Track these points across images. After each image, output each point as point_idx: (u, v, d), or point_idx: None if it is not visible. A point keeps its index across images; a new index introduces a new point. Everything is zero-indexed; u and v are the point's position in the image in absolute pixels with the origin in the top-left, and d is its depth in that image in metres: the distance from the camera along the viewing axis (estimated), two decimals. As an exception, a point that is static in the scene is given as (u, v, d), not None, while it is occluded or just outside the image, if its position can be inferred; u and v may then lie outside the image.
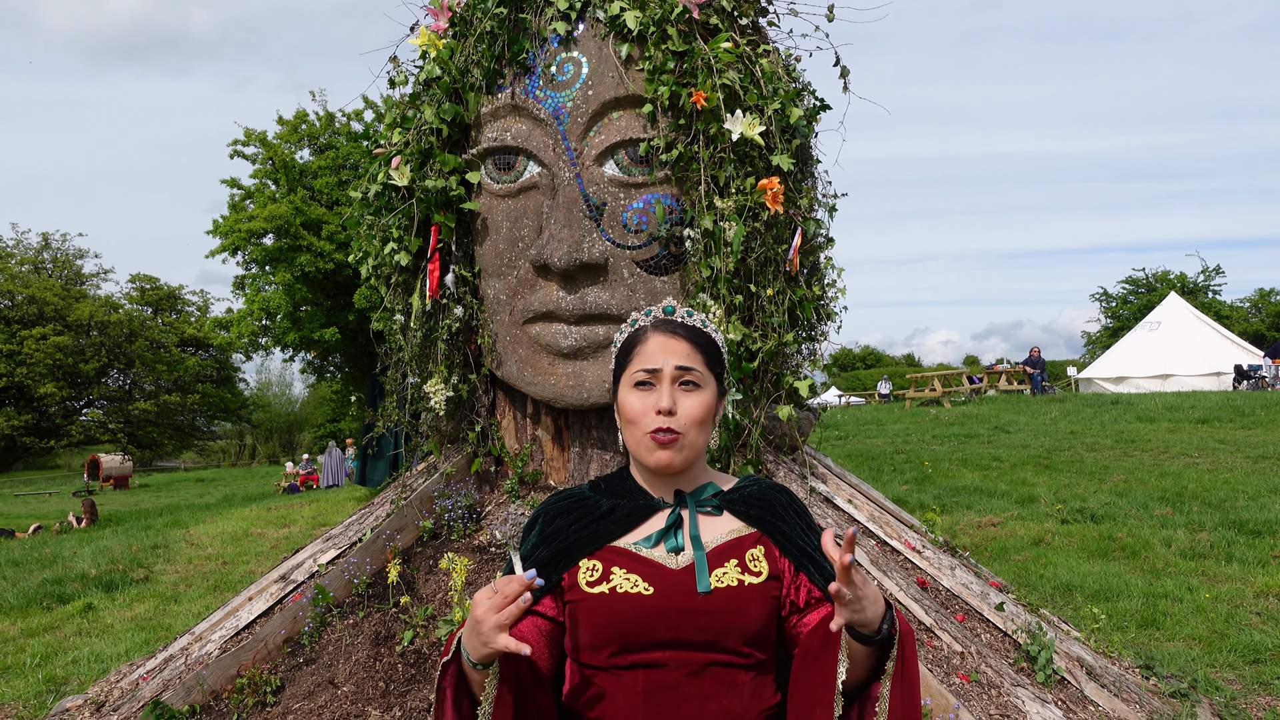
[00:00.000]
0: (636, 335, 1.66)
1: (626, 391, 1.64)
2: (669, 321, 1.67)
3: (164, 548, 9.27)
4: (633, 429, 1.62)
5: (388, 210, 4.04)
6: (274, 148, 16.00)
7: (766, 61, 3.89)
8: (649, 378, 1.61)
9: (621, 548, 1.61)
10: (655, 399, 1.59)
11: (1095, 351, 39.95)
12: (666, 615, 1.53)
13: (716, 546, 1.61)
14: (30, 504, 31.57)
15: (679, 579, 1.56)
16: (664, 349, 1.62)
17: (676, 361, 1.60)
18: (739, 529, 1.65)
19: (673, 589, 1.55)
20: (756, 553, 1.62)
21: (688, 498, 1.66)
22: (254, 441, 63.03)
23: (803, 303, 3.88)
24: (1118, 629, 5.15)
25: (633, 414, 1.61)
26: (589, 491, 1.73)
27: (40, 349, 17.58)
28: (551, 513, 1.69)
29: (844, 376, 71.46)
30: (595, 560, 1.60)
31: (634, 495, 1.69)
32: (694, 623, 1.53)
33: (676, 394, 1.60)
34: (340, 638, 3.63)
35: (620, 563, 1.59)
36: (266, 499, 17.53)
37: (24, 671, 5.07)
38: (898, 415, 18.45)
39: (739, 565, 1.59)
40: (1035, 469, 10.38)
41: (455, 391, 4.05)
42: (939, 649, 3.28)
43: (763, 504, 1.69)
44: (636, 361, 1.63)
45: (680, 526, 1.63)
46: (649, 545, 1.61)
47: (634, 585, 1.55)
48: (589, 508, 1.67)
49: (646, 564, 1.58)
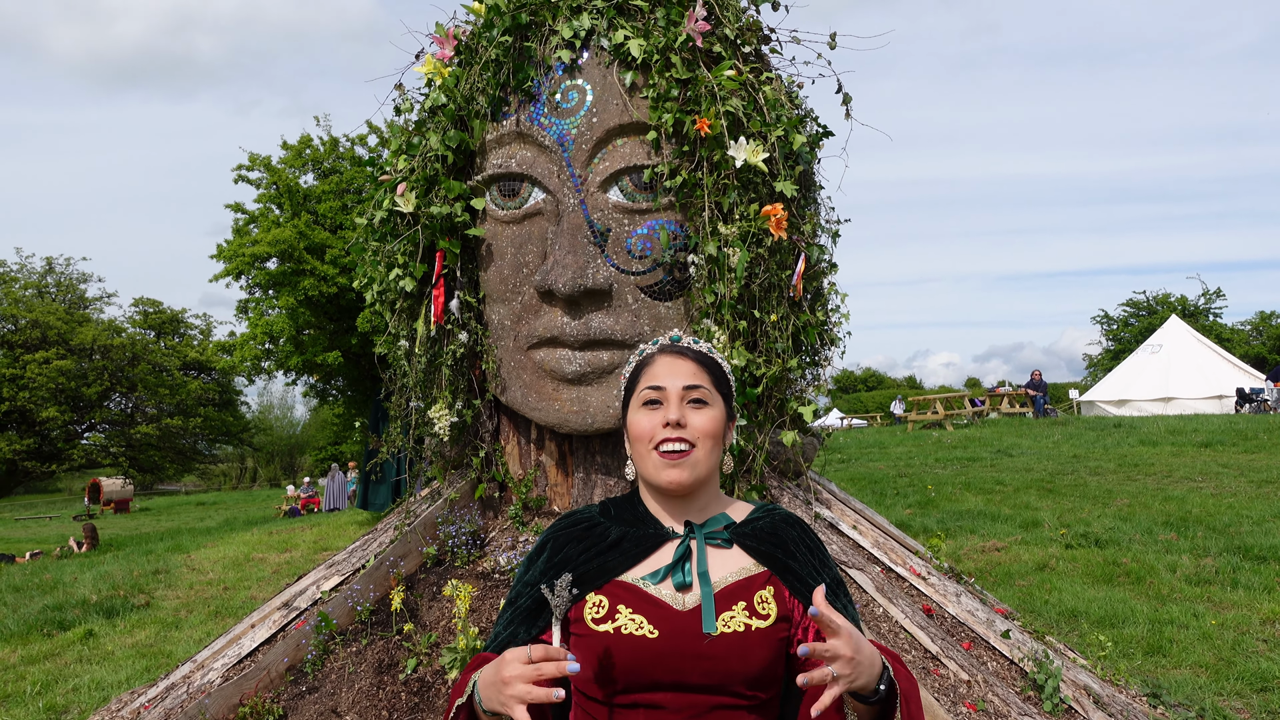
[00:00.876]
0: (644, 360, 1.68)
1: (635, 412, 1.64)
2: (675, 346, 1.69)
3: (165, 573, 9.24)
4: (640, 446, 1.61)
5: (393, 236, 4.06)
6: (278, 172, 16.08)
7: (769, 89, 3.92)
8: (656, 395, 1.61)
9: (628, 583, 1.59)
10: (663, 415, 1.59)
11: (1097, 374, 39.95)
12: (670, 659, 1.51)
13: (725, 587, 1.58)
14: (30, 528, 31.49)
15: (685, 622, 1.53)
16: (671, 369, 1.63)
17: (684, 381, 1.61)
18: (749, 568, 1.61)
19: (678, 632, 1.52)
20: (765, 594, 1.59)
21: (697, 529, 1.64)
22: (255, 465, 62.95)
23: (806, 328, 3.89)
24: (1124, 656, 5.12)
25: (640, 431, 1.61)
26: (599, 515, 1.70)
27: (43, 373, 17.60)
28: (560, 540, 1.67)
29: (846, 399, 71.46)
30: (602, 595, 1.58)
31: (644, 523, 1.66)
32: (698, 667, 1.51)
33: (685, 410, 1.60)
34: (343, 666, 3.61)
35: (626, 600, 1.56)
36: (268, 523, 17.48)
37: (24, 700, 5.04)
38: (900, 438, 18.42)
39: (747, 608, 1.56)
40: (1038, 493, 10.36)
41: (459, 417, 4.05)
42: (945, 677, 3.26)
43: (774, 539, 1.65)
44: (644, 381, 1.64)
45: (689, 560, 1.60)
46: (655, 580, 1.58)
47: (639, 627, 1.53)
48: (598, 536, 1.65)
49: (653, 604, 1.56)
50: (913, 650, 3.38)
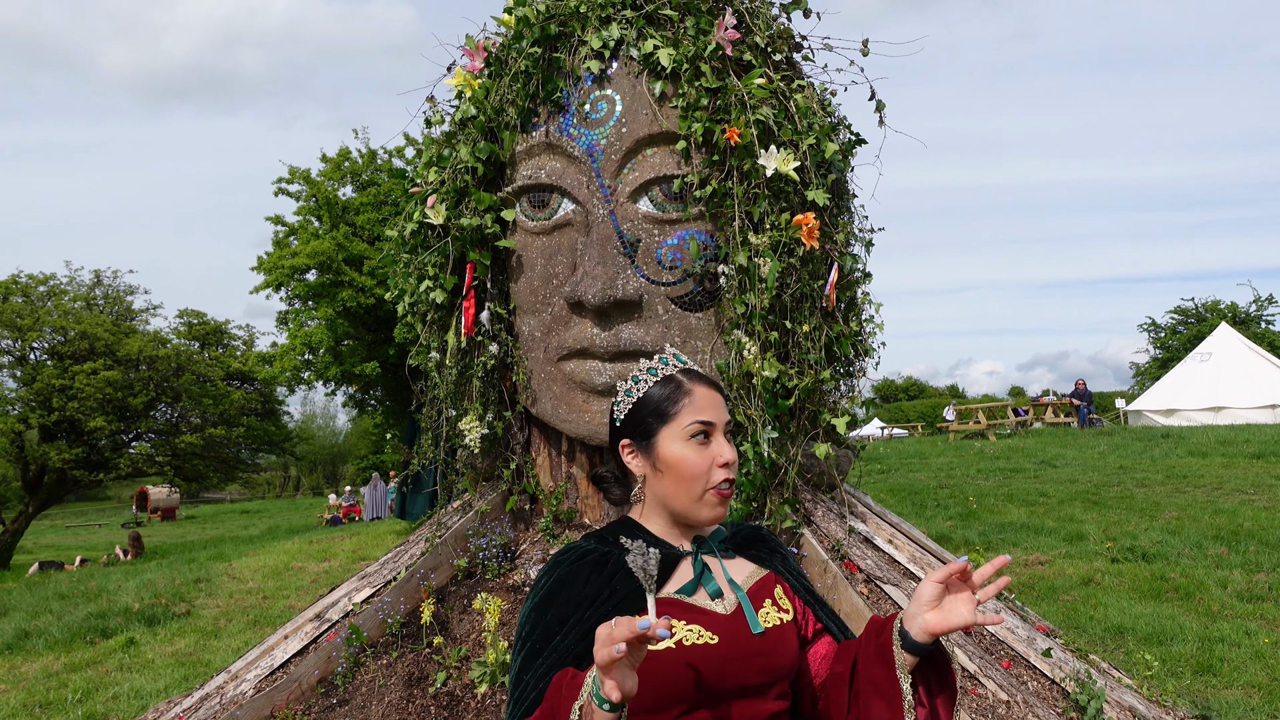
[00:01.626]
0: (678, 387, 1.62)
1: (680, 445, 1.58)
2: (698, 373, 1.67)
3: (206, 581, 9.36)
4: (693, 485, 1.57)
5: (423, 248, 4.06)
6: (317, 185, 16.30)
7: (801, 97, 3.88)
8: (705, 429, 1.59)
9: (669, 598, 1.56)
10: (715, 452, 1.58)
11: (1144, 383, 39.13)
12: (734, 662, 1.51)
13: (750, 588, 1.63)
14: (80, 535, 32.24)
15: (735, 624, 1.55)
16: (713, 402, 1.62)
17: (726, 416, 1.64)
18: (756, 570, 1.68)
19: (734, 635, 1.53)
20: (779, 592, 1.66)
21: (709, 542, 1.66)
22: (298, 473, 63.84)
23: (840, 339, 3.83)
24: (1172, 675, 4.97)
25: (696, 470, 1.57)
26: (598, 544, 1.63)
27: (91, 383, 17.96)
28: (582, 572, 1.58)
29: (887, 408, 70.71)
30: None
31: (656, 545, 1.63)
32: (756, 665, 1.52)
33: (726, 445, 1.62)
34: (374, 678, 3.60)
35: (675, 614, 1.53)
36: (309, 531, 17.67)
37: (66, 707, 5.11)
38: (941, 448, 18.16)
39: (774, 604, 1.62)
40: (1083, 505, 10.13)
41: (490, 429, 4.04)
42: (984, 697, 3.18)
43: (762, 544, 1.73)
44: (688, 414, 1.59)
45: (708, 571, 1.62)
46: (689, 594, 1.58)
47: (698, 636, 1.51)
48: (615, 563, 1.58)
49: (701, 613, 1.55)
50: (950, 669, 3.30)
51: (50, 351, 19.62)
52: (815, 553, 3.61)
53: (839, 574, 3.52)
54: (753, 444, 3.56)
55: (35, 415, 18.60)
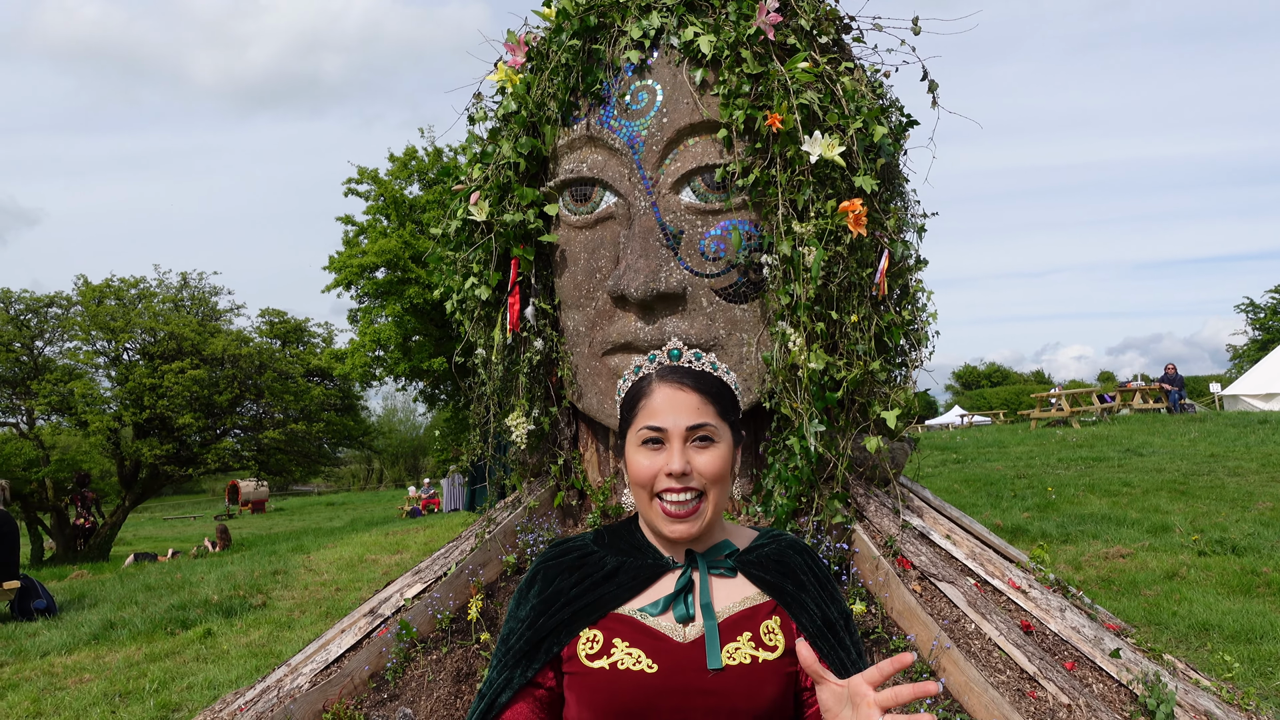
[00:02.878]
0: (640, 387, 1.52)
1: (634, 450, 1.50)
2: (675, 370, 1.52)
3: (283, 573, 9.61)
4: (641, 492, 1.48)
5: (468, 245, 4.07)
6: (385, 184, 16.61)
7: (849, 79, 3.76)
8: (656, 435, 1.47)
9: (626, 615, 1.47)
10: (665, 460, 1.45)
11: (1242, 366, 37.44)
12: (671, 696, 1.39)
13: (729, 617, 1.46)
14: (176, 527, 33.56)
15: (687, 655, 1.42)
16: (672, 404, 1.47)
17: (687, 421, 1.46)
18: (754, 596, 1.50)
19: (680, 666, 1.41)
20: (772, 624, 1.47)
21: (700, 559, 1.52)
22: (381, 466, 65.38)
23: (890, 328, 3.70)
24: (1261, 675, 4.71)
25: (641, 476, 1.47)
26: (593, 544, 1.59)
27: (179, 382, 18.65)
28: (552, 572, 1.55)
29: (969, 395, 69.06)
30: (596, 630, 1.47)
31: (642, 552, 1.55)
32: (702, 704, 1.39)
33: (690, 452, 1.46)
34: (423, 674, 3.63)
35: (623, 634, 1.45)
36: (390, 523, 18.06)
37: (143, 696, 5.29)
38: (1021, 437, 17.63)
39: (753, 639, 1.44)
40: (1170, 495, 9.70)
41: (536, 424, 4.02)
42: (1043, 700, 3.04)
43: (781, 568, 1.53)
44: (642, 417, 1.49)
45: (690, 591, 1.48)
46: (656, 612, 1.47)
47: (636, 661, 1.42)
48: (592, 566, 1.53)
49: (651, 636, 1.44)
50: (1007, 670, 3.17)
51: (141, 352, 20.43)
52: (867, 549, 3.51)
53: (891, 571, 3.41)
54: (799, 438, 3.47)
55: (129, 413, 19.40)
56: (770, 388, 3.61)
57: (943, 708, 3.01)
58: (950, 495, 10.51)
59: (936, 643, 3.15)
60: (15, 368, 19.78)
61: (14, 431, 20.70)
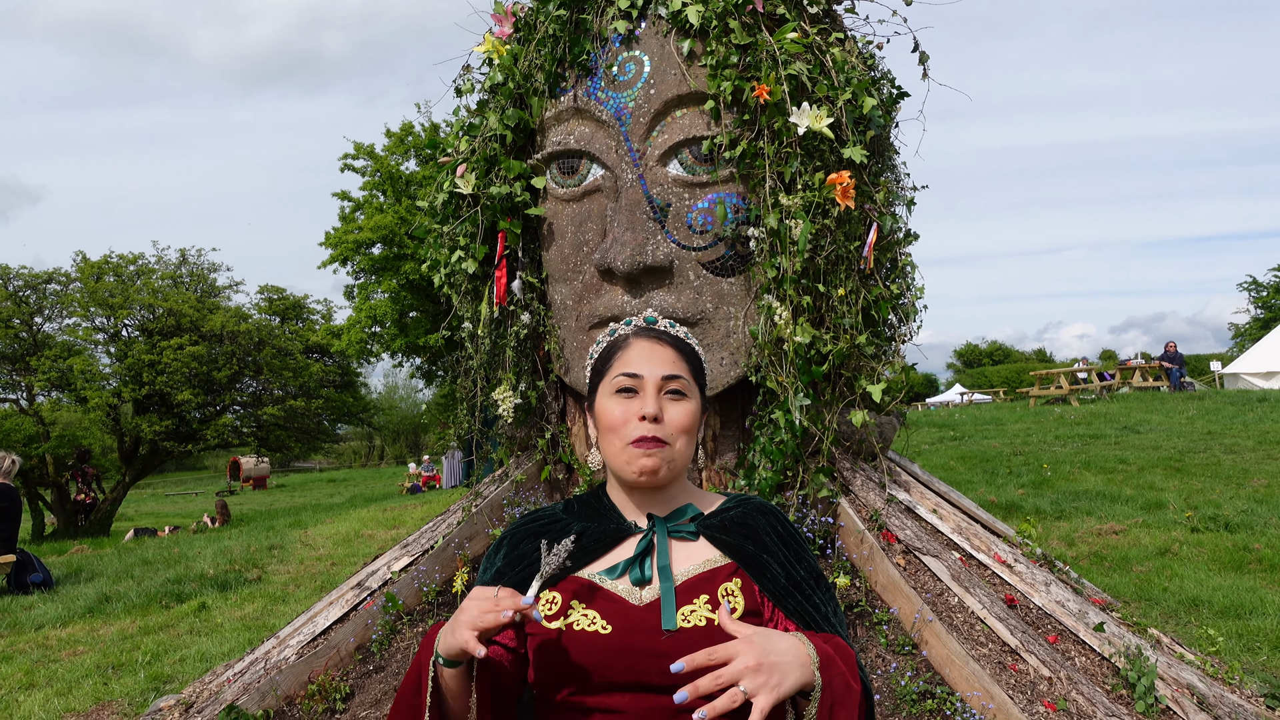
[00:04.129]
0: (617, 342, 1.57)
1: (606, 399, 1.53)
2: (652, 328, 1.58)
3: (280, 548, 9.65)
4: (612, 438, 1.51)
5: (454, 218, 4.04)
6: (381, 160, 16.54)
7: (839, 50, 3.71)
8: (632, 384, 1.50)
9: (583, 579, 1.50)
10: (639, 406, 1.49)
11: (1244, 345, 37.37)
12: (625, 657, 1.41)
13: (687, 579, 1.48)
14: (178, 503, 33.71)
15: (641, 616, 1.44)
16: (648, 356, 1.52)
17: (663, 370, 1.51)
18: (715, 559, 1.51)
19: (633, 628, 1.43)
20: (732, 586, 1.48)
21: (659, 522, 1.54)
22: (382, 443, 65.58)
23: (879, 302, 3.68)
24: (1248, 650, 4.72)
25: (613, 421, 1.50)
26: (562, 512, 1.63)
27: (178, 358, 18.67)
28: (518, 536, 1.60)
29: (970, 373, 69.05)
30: (555, 592, 1.50)
31: (607, 517, 1.57)
32: (656, 666, 1.39)
33: (663, 402, 1.50)
34: (409, 645, 3.64)
35: (581, 596, 1.48)
36: (390, 499, 18.12)
37: (135, 669, 5.32)
38: (1019, 414, 17.64)
39: (710, 601, 1.45)
40: (1165, 472, 9.71)
41: (524, 398, 4.01)
42: (1024, 673, 3.05)
43: (744, 530, 1.54)
44: (618, 366, 1.53)
45: (650, 555, 1.50)
46: (613, 576, 1.49)
47: (591, 623, 1.44)
48: (558, 532, 1.56)
49: (607, 599, 1.47)
50: (990, 643, 3.18)
51: (140, 328, 20.44)
52: (852, 522, 3.51)
53: (875, 544, 3.41)
54: (784, 411, 3.46)
55: (128, 389, 19.42)
56: (756, 361, 3.59)
57: (924, 680, 3.02)
58: (946, 472, 10.52)
59: (919, 616, 3.15)
60: (15, 344, 19.78)
61: (14, 408, 20.74)
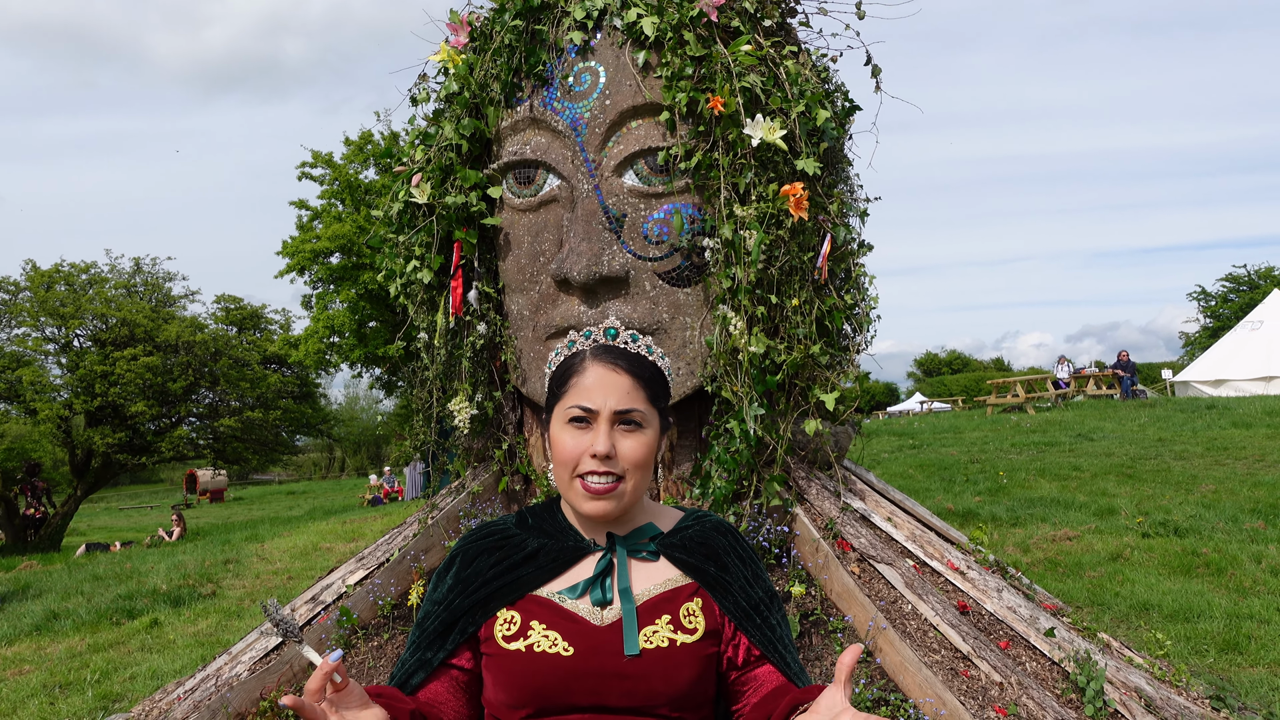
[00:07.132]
0: (572, 364, 1.50)
1: (559, 428, 1.48)
2: (610, 350, 1.50)
3: (235, 562, 9.49)
4: (563, 471, 1.46)
5: (410, 228, 4.02)
6: (340, 169, 16.38)
7: (792, 63, 3.75)
8: (584, 414, 1.45)
9: (543, 598, 1.47)
10: (590, 440, 1.44)
11: (1194, 353, 38.20)
12: (587, 679, 1.39)
13: (648, 600, 1.46)
14: (132, 518, 32.99)
15: (603, 638, 1.42)
16: (603, 385, 1.46)
17: (615, 404, 1.45)
18: (675, 579, 1.50)
19: (595, 650, 1.41)
20: (693, 606, 1.47)
21: (619, 543, 1.51)
22: (343, 455, 64.75)
23: (833, 312, 3.72)
24: (1195, 653, 4.82)
25: (564, 455, 1.45)
26: (514, 526, 1.58)
27: (131, 369, 18.30)
28: (471, 553, 1.55)
29: (930, 382, 69.87)
30: (514, 611, 1.46)
31: (563, 534, 1.54)
32: (618, 688, 1.38)
33: (616, 435, 1.45)
34: (364, 660, 3.60)
35: (540, 616, 1.45)
36: (350, 512, 17.88)
37: (83, 687, 5.20)
38: (976, 422, 17.87)
39: (672, 622, 1.44)
40: (1117, 479, 9.90)
41: (480, 409, 3.99)
42: (975, 679, 3.08)
43: (704, 550, 1.52)
44: (572, 395, 1.47)
45: (610, 574, 1.48)
46: (574, 595, 1.46)
47: (553, 644, 1.41)
48: (512, 548, 1.53)
49: (568, 619, 1.44)
50: (942, 650, 3.21)
51: (93, 338, 20.04)
52: (807, 531, 3.53)
53: (830, 553, 3.44)
54: (739, 421, 3.48)
55: (80, 401, 19.02)
56: (712, 371, 3.61)
57: (878, 687, 3.04)
58: (905, 480, 10.62)
59: (873, 623, 3.18)
60: (-40, 355, 19.31)
61: (-40, 420, 20.23)
